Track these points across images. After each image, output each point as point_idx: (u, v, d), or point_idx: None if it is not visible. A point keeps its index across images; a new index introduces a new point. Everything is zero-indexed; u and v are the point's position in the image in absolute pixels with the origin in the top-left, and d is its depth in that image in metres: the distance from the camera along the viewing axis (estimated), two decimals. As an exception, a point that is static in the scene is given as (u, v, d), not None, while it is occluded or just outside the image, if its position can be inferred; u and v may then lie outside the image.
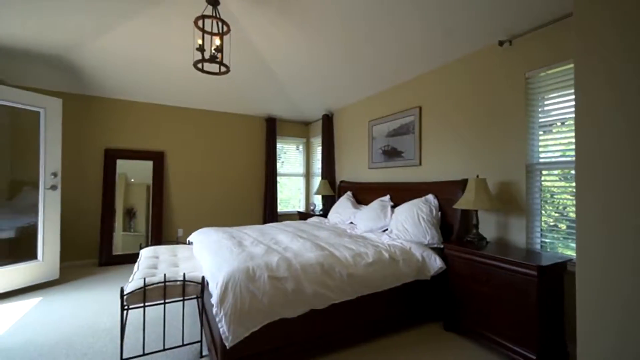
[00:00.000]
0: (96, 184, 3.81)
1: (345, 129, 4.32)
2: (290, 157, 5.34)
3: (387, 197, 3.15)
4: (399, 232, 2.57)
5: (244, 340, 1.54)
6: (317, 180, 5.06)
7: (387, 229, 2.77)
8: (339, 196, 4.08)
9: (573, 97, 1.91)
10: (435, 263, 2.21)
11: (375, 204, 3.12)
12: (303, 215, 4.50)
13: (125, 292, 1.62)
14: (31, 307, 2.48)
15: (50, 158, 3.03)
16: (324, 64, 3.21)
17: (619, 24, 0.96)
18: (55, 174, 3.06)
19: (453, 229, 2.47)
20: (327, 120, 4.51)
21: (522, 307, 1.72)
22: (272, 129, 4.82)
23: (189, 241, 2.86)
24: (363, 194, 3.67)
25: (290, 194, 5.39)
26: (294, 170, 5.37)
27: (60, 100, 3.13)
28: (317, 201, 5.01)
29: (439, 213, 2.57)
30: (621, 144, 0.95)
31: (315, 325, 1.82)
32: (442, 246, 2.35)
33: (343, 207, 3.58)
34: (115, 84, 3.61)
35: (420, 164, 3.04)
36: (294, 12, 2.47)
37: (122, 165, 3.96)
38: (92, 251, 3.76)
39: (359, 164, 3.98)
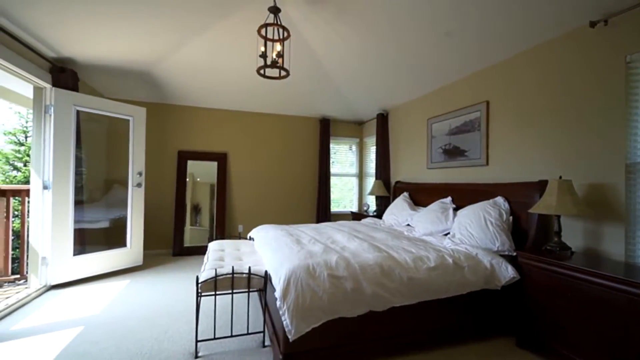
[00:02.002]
0: (170, 182, 4.28)
1: (401, 128, 4.18)
2: (341, 158, 5.34)
3: (449, 198, 2.96)
4: (462, 236, 2.40)
5: (305, 334, 1.58)
6: (370, 181, 4.99)
7: (448, 233, 2.61)
8: (394, 197, 3.96)
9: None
10: (507, 272, 2.01)
11: (434, 205, 2.96)
12: (356, 216, 4.47)
13: (199, 281, 1.78)
14: (122, 288, 2.87)
15: (136, 159, 3.49)
16: (379, 62, 3.14)
17: None
18: (140, 173, 3.51)
19: (528, 235, 2.22)
20: (382, 120, 4.41)
21: (620, 330, 1.47)
22: (325, 130, 4.88)
23: (249, 237, 3.04)
24: (421, 195, 3.51)
25: (341, 194, 5.40)
26: (344, 171, 5.36)
27: (144, 109, 3.59)
28: (370, 201, 4.93)
29: (511, 218, 2.34)
30: None
31: (374, 327, 1.79)
32: (514, 254, 2.13)
33: (399, 208, 3.47)
34: (187, 93, 4.01)
35: (487, 163, 2.80)
36: (351, 13, 2.46)
37: (190, 165, 4.38)
38: (167, 242, 4.22)
39: (417, 164, 3.81)
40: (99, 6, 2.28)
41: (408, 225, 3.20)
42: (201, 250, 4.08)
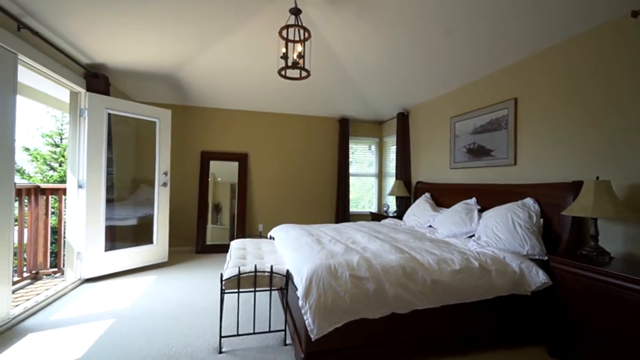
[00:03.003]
0: (193, 182, 4.40)
1: (422, 127, 4.09)
2: (359, 157, 5.30)
3: (473, 199, 2.87)
4: (488, 239, 2.31)
5: (327, 335, 1.58)
6: (389, 181, 4.92)
7: (473, 235, 2.53)
8: (415, 198, 3.89)
9: None
10: (538, 277, 1.92)
11: (458, 207, 2.87)
12: (376, 216, 4.42)
13: (223, 278, 1.82)
14: (149, 283, 2.99)
15: (162, 160, 3.62)
16: (399, 61, 3.09)
17: None
18: (166, 173, 3.64)
19: (560, 239, 2.11)
20: (403, 119, 4.34)
21: (668, 342, 1.36)
22: (345, 130, 4.86)
23: (270, 236, 3.08)
24: (443, 196, 3.42)
25: (359, 194, 5.35)
26: (363, 170, 5.31)
27: (169, 111, 3.72)
28: (390, 202, 4.86)
29: (541, 220, 2.23)
30: None
31: (396, 329, 1.76)
32: (545, 258, 2.03)
33: (420, 209, 3.39)
34: (209, 95, 4.11)
35: (515, 163, 2.68)
36: (371, 12, 2.44)
37: (212, 165, 4.49)
38: (190, 240, 4.35)
39: (439, 164, 3.72)
40: (129, 14, 2.38)
41: (430, 226, 3.13)
42: (222, 248, 4.18)
